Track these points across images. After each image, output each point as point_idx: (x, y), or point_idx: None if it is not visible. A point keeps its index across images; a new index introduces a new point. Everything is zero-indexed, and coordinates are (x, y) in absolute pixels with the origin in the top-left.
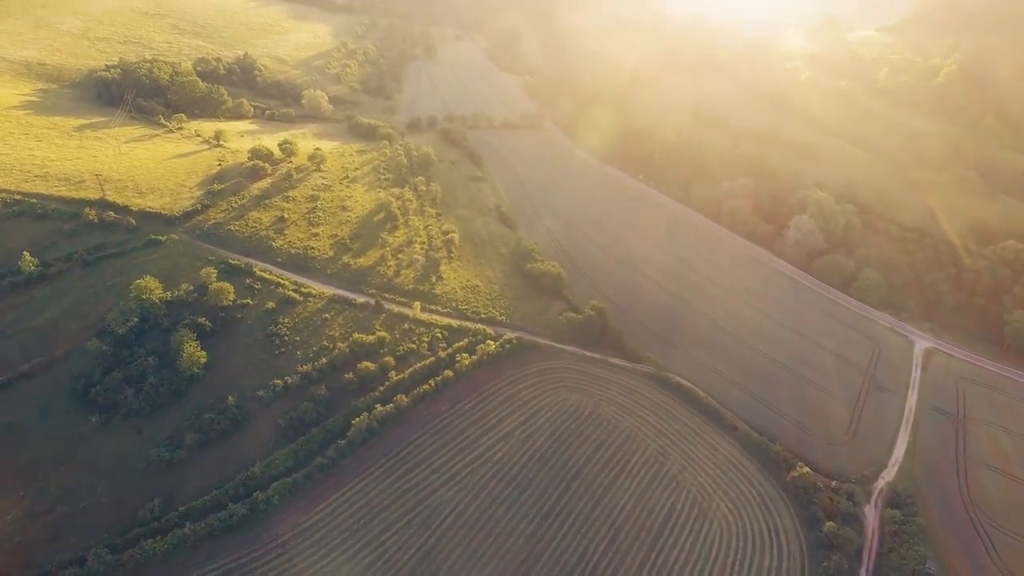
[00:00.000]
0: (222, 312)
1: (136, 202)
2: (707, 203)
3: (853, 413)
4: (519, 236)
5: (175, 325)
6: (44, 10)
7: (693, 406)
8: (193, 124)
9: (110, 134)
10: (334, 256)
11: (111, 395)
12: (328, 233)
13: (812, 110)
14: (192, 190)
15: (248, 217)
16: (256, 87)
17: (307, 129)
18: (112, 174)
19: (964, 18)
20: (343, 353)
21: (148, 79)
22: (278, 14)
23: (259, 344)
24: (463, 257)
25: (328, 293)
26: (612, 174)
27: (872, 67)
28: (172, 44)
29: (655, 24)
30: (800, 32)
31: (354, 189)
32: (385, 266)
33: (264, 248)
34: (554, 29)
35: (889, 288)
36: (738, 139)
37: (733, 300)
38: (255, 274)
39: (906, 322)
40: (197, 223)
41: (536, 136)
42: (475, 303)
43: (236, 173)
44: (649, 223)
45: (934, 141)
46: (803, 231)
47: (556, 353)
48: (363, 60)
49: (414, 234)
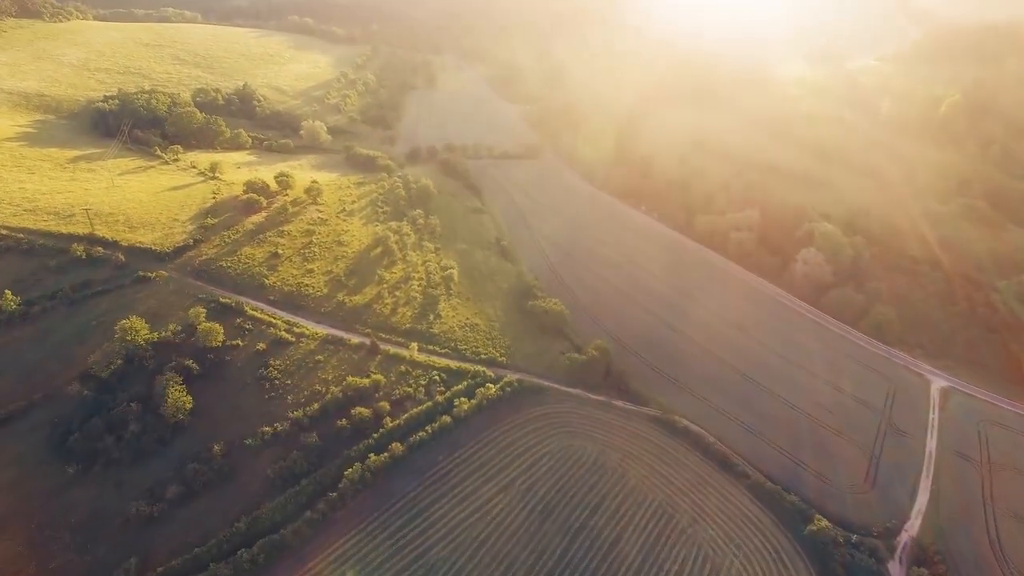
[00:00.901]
0: (210, 354)
1: (126, 237)
2: (712, 234)
3: (871, 459)
4: (520, 270)
5: (161, 368)
6: (46, 42)
7: (702, 452)
8: (189, 155)
9: (104, 166)
10: (328, 294)
11: (90, 443)
12: (323, 269)
13: (815, 140)
14: (184, 224)
15: (241, 253)
16: (255, 117)
17: (305, 160)
18: (103, 207)
19: (963, 49)
20: (336, 398)
21: (145, 110)
22: (279, 44)
23: (248, 388)
24: (462, 294)
25: (322, 333)
26: (614, 205)
27: (874, 97)
28: (172, 75)
29: (654, 53)
30: (799, 61)
31: (351, 223)
32: (381, 304)
33: (256, 285)
34: (555, 58)
35: (901, 323)
36: (741, 169)
37: (741, 337)
38: (246, 313)
39: (920, 359)
40: (188, 259)
41: (537, 166)
42: (475, 343)
43: (230, 206)
44: (653, 255)
45: (940, 171)
46: (811, 264)
47: (558, 396)
48: (363, 90)
49: (412, 270)
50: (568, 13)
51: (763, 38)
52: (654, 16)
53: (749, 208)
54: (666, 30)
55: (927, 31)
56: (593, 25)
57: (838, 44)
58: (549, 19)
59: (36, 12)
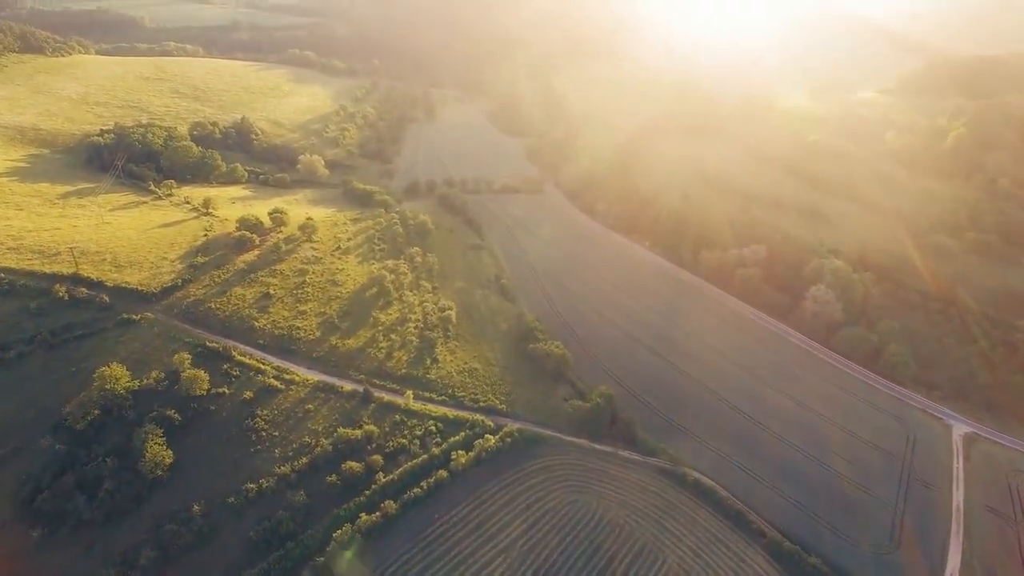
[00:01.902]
0: (194, 403)
1: (112, 277)
2: (717, 271)
3: (895, 514)
4: (520, 310)
5: (141, 418)
6: (46, 76)
7: (714, 507)
8: (184, 190)
9: (95, 201)
10: (321, 337)
11: (60, 503)
12: (316, 311)
13: (820, 173)
14: (174, 263)
15: (231, 293)
16: (252, 151)
17: (302, 195)
18: (90, 245)
19: (963, 81)
20: (326, 451)
21: (141, 144)
22: (279, 77)
23: (233, 440)
24: (461, 336)
25: (313, 380)
26: (617, 240)
27: (877, 129)
28: (170, 108)
29: (655, 84)
30: (799, 93)
31: (346, 261)
32: (376, 348)
33: (245, 328)
34: (555, 91)
35: (916, 364)
36: (746, 203)
37: (751, 380)
38: (234, 358)
39: (938, 402)
40: (176, 300)
41: (538, 200)
42: (473, 389)
43: (222, 244)
44: (657, 293)
45: (949, 204)
46: (820, 302)
47: (561, 447)
48: (362, 123)
49: (408, 311)
50: (568, 45)
51: (763, 69)
52: (655, 47)
53: (755, 244)
54: (667, 61)
55: (926, 63)
56: (593, 56)
57: (837, 76)
58: (549, 51)
59: (38, 47)
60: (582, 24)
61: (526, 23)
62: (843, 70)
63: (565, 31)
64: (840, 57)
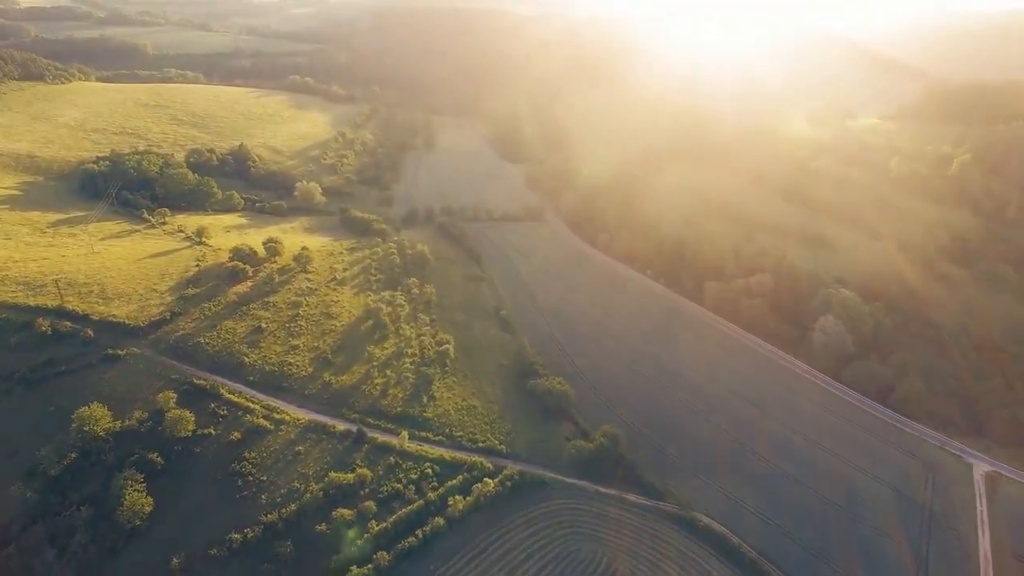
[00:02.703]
0: (178, 445)
1: (99, 310)
2: (722, 301)
3: (919, 562)
4: (521, 343)
5: (121, 463)
6: (45, 103)
7: (726, 556)
8: (178, 218)
9: (86, 230)
10: (313, 373)
11: (27, 558)
12: (309, 345)
13: (825, 200)
14: (163, 295)
15: (221, 327)
16: (249, 178)
17: (298, 223)
18: (78, 276)
19: (965, 108)
20: (316, 498)
21: (136, 171)
22: (278, 104)
23: (218, 485)
24: (459, 371)
25: (304, 419)
26: (619, 270)
27: (882, 156)
28: (168, 135)
29: (656, 110)
30: (800, 119)
31: (341, 293)
32: (371, 385)
33: (235, 364)
34: (555, 117)
35: (931, 399)
36: (750, 231)
37: (760, 416)
38: (221, 397)
39: (956, 438)
40: (164, 334)
41: (538, 229)
42: (471, 428)
43: (214, 275)
44: (661, 324)
45: (957, 233)
46: (830, 334)
47: (564, 490)
48: (361, 150)
49: (405, 345)
50: (568, 71)
51: (762, 95)
52: (655, 73)
53: (760, 273)
54: (667, 87)
55: (927, 90)
56: (594, 82)
57: (836, 102)
58: (549, 77)
59: (39, 75)
60: (582, 50)
61: (526, 49)
62: (842, 96)
63: (565, 57)
64: (838, 83)
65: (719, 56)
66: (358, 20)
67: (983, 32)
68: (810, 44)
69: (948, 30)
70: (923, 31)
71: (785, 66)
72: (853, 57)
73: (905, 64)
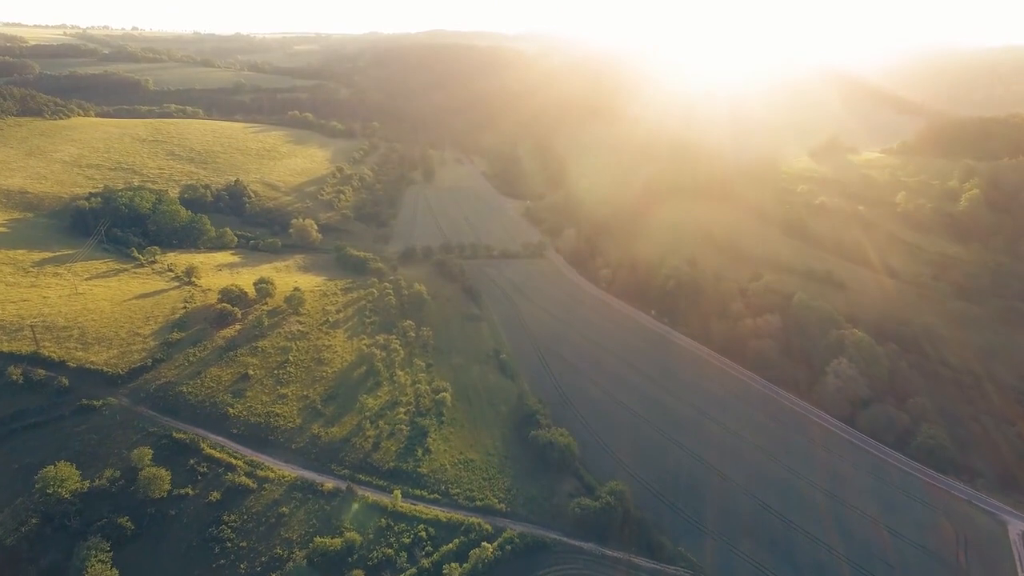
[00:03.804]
0: (151, 507)
1: (76, 356)
2: (730, 343)
3: None
4: (522, 389)
5: (87, 528)
6: (42, 139)
7: None
8: (168, 257)
9: (72, 269)
10: (302, 425)
11: None
12: (298, 394)
13: (832, 237)
14: (146, 339)
15: (206, 375)
16: (245, 214)
17: (292, 261)
18: (58, 319)
19: (968, 143)
20: (300, 567)
21: (127, 208)
22: (276, 139)
23: (193, 552)
24: (456, 420)
25: (290, 476)
26: (622, 310)
27: (887, 191)
28: (164, 170)
29: (657, 145)
30: (802, 153)
31: (334, 337)
32: (362, 437)
33: (219, 416)
34: (555, 152)
35: (954, 446)
36: (756, 269)
37: (775, 467)
38: (202, 452)
39: (984, 492)
40: (144, 382)
41: (538, 266)
42: (469, 485)
43: (201, 318)
44: (667, 368)
45: (969, 269)
46: (843, 377)
47: (567, 553)
48: (358, 185)
49: (399, 393)
50: (569, 106)
51: (763, 129)
52: (655, 108)
53: (767, 312)
54: (668, 122)
55: (929, 124)
56: (594, 117)
57: (836, 136)
58: (549, 112)
59: (37, 111)
60: (582, 85)
61: (526, 85)
62: (841, 130)
63: (565, 92)
64: (836, 117)
65: (718, 90)
66: (359, 56)
67: (975, 68)
68: (807, 78)
69: (940, 65)
70: (916, 66)
71: (783, 100)
72: (849, 91)
73: (902, 99)
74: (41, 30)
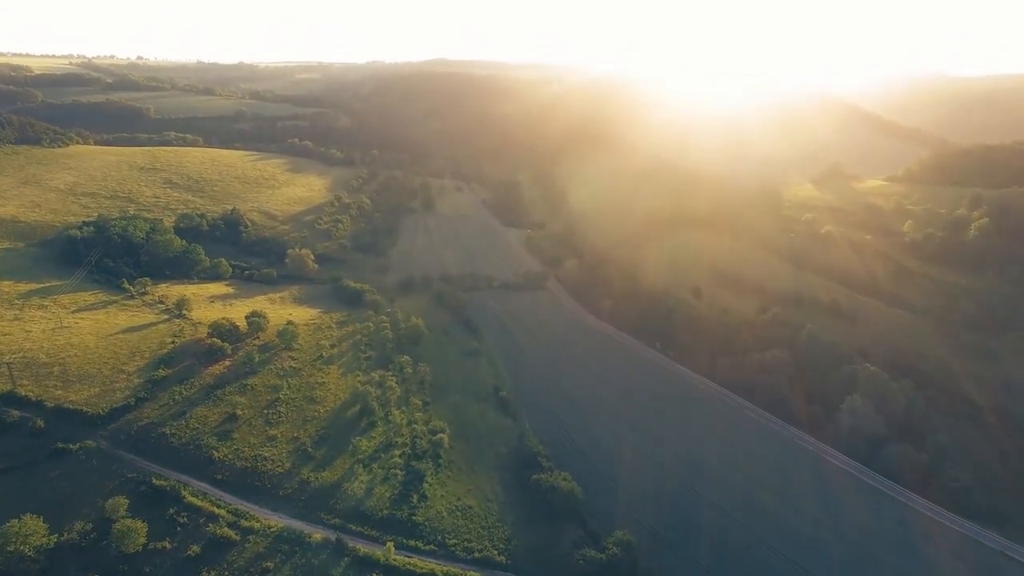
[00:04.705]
0: (124, 564)
1: (55, 395)
2: (738, 378)
3: None
4: (522, 429)
5: None
6: (38, 167)
7: None
8: (160, 288)
9: (59, 301)
10: (291, 469)
11: None
12: (287, 436)
13: (838, 266)
14: (131, 377)
15: (191, 415)
16: (241, 243)
17: (288, 292)
18: (39, 355)
19: (972, 171)
20: None
21: (121, 237)
22: (275, 168)
23: None
24: (454, 463)
25: (276, 526)
26: (626, 344)
27: (893, 219)
28: (160, 199)
29: (660, 174)
30: (805, 182)
31: (327, 373)
32: (355, 483)
33: (203, 460)
34: (556, 180)
35: (979, 489)
36: (762, 300)
37: (791, 513)
38: (183, 500)
39: (1017, 540)
40: (125, 423)
41: (540, 298)
42: (467, 535)
43: (190, 353)
44: (674, 405)
45: (982, 299)
46: (858, 415)
47: None
48: (357, 214)
49: (395, 434)
50: (570, 134)
51: (766, 158)
52: (657, 136)
53: (776, 346)
54: (669, 150)
55: (934, 152)
56: (595, 145)
57: (837, 163)
58: (550, 140)
59: (36, 139)
60: (582, 113)
61: (526, 113)
62: (840, 156)
63: (565, 121)
64: (835, 144)
65: (717, 117)
66: (361, 85)
67: (970, 95)
68: (803, 105)
69: (935, 93)
70: (911, 93)
71: (780, 126)
72: (846, 118)
73: (899, 125)
74: (48, 60)
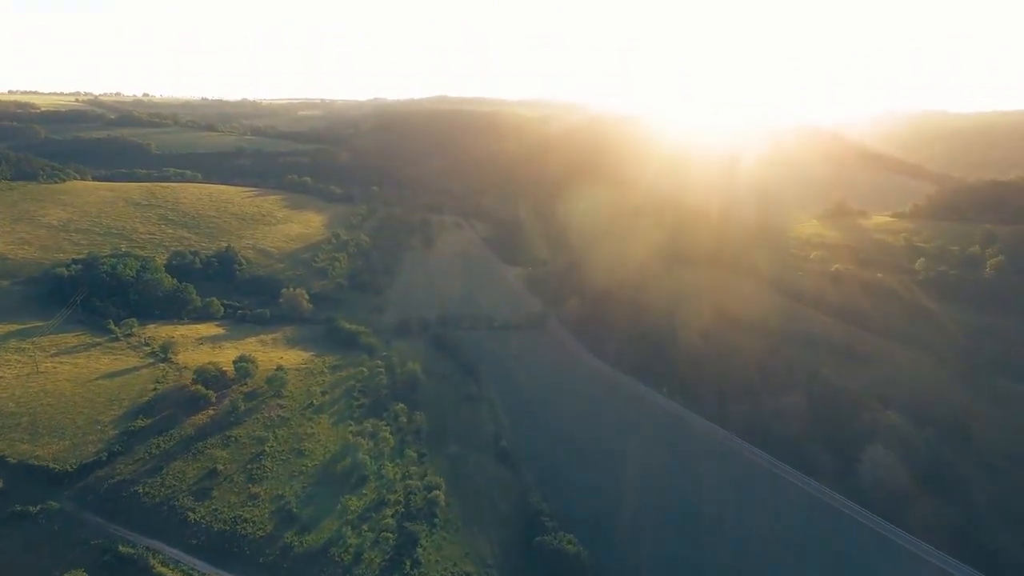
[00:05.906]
0: None
1: (20, 449)
2: (750, 426)
3: None
4: (525, 483)
5: None
6: (33, 203)
7: None
8: (148, 329)
9: (39, 343)
10: (273, 533)
11: None
12: (271, 494)
13: (851, 306)
14: (106, 428)
15: (167, 471)
16: (234, 282)
17: (280, 333)
18: (8, 404)
19: (982, 206)
20: None
21: (110, 276)
22: (273, 204)
23: None
24: (451, 523)
25: None
26: (632, 388)
27: (905, 257)
28: (155, 235)
29: (664, 210)
30: (810, 219)
31: (317, 423)
32: (342, 548)
33: (177, 522)
34: (557, 217)
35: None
36: (774, 342)
37: (810, 570)
38: (151, 570)
39: None
40: (96, 481)
41: (541, 339)
42: None
43: (172, 401)
44: (684, 454)
45: (1005, 340)
46: (881, 467)
47: None
48: (354, 252)
49: (387, 491)
50: (570, 171)
51: (770, 194)
52: (659, 173)
53: (791, 392)
54: (671, 187)
55: (941, 188)
56: (596, 183)
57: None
58: (551, 178)
59: (32, 174)
60: (583, 150)
61: (527, 150)
62: (843, 192)
63: (566, 157)
64: (836, 179)
65: (717, 153)
66: (362, 122)
67: (969, 131)
68: (804, 142)
69: (934, 128)
70: (910, 129)
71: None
72: (845, 153)
73: (900, 160)
74: (55, 98)
